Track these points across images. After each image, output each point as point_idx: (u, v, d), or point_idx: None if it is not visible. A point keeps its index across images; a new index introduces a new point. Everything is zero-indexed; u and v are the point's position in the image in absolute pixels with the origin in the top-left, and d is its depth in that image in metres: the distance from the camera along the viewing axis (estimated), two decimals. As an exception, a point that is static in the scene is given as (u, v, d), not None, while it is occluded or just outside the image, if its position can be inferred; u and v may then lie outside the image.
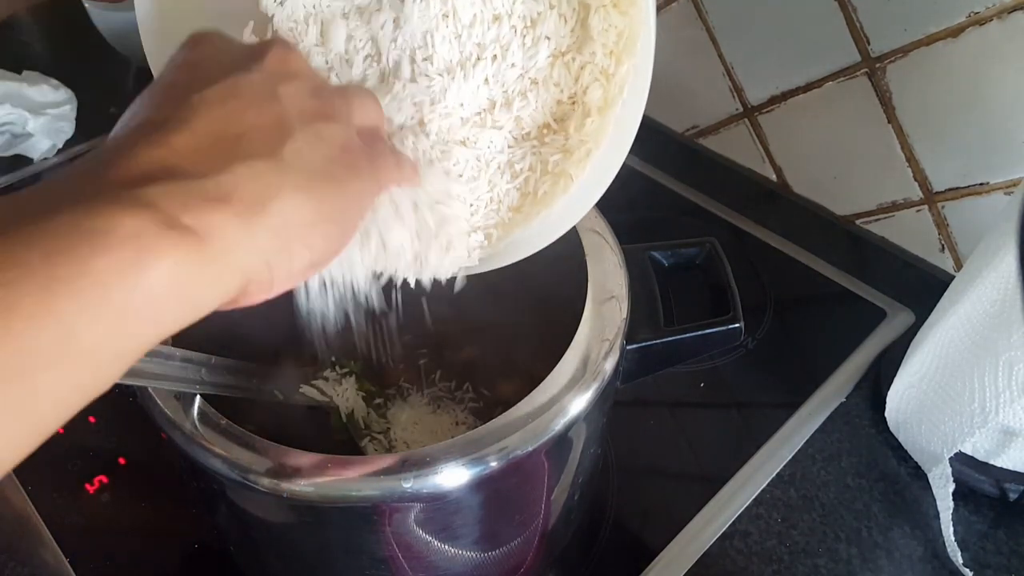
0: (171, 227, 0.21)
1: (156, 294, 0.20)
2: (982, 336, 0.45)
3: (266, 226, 0.23)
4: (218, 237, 0.22)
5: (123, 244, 0.20)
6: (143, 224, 0.20)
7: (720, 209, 0.74)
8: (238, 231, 0.22)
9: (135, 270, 0.20)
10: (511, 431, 0.34)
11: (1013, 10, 0.50)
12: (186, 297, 0.22)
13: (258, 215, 0.23)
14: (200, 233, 0.21)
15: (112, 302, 0.20)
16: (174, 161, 0.22)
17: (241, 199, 0.22)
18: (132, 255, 0.20)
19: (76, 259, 0.19)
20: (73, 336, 0.19)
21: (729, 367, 0.60)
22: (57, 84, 0.82)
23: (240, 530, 0.43)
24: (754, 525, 0.51)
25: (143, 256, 0.20)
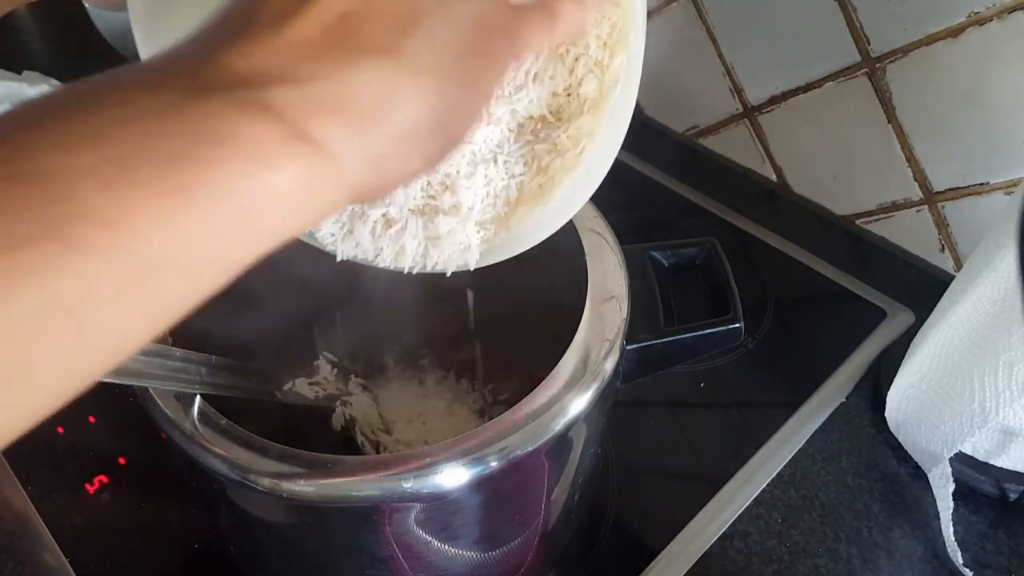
0: (294, 136, 0.20)
1: (274, 205, 0.20)
2: (982, 336, 0.45)
3: (384, 133, 0.21)
4: (337, 148, 0.20)
5: (246, 153, 0.19)
6: (266, 132, 0.19)
7: (720, 209, 0.74)
8: (356, 140, 0.21)
9: (256, 181, 0.19)
10: (511, 431, 0.34)
11: (1013, 10, 0.50)
12: (302, 208, 0.21)
13: (377, 122, 0.21)
14: (321, 144, 0.20)
15: (231, 212, 0.19)
16: (292, 57, 0.20)
17: (361, 106, 0.21)
18: (254, 165, 0.19)
19: (199, 166, 0.18)
20: (194, 243, 0.19)
21: (729, 367, 0.60)
22: (57, 84, 0.82)
23: (240, 530, 0.43)
24: (754, 525, 0.51)
25: (265, 167, 0.19)
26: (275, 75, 0.20)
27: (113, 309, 0.18)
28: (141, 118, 0.18)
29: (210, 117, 0.19)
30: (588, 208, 0.45)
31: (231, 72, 0.20)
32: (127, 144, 0.18)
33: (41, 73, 0.83)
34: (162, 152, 0.18)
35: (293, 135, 0.20)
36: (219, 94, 0.19)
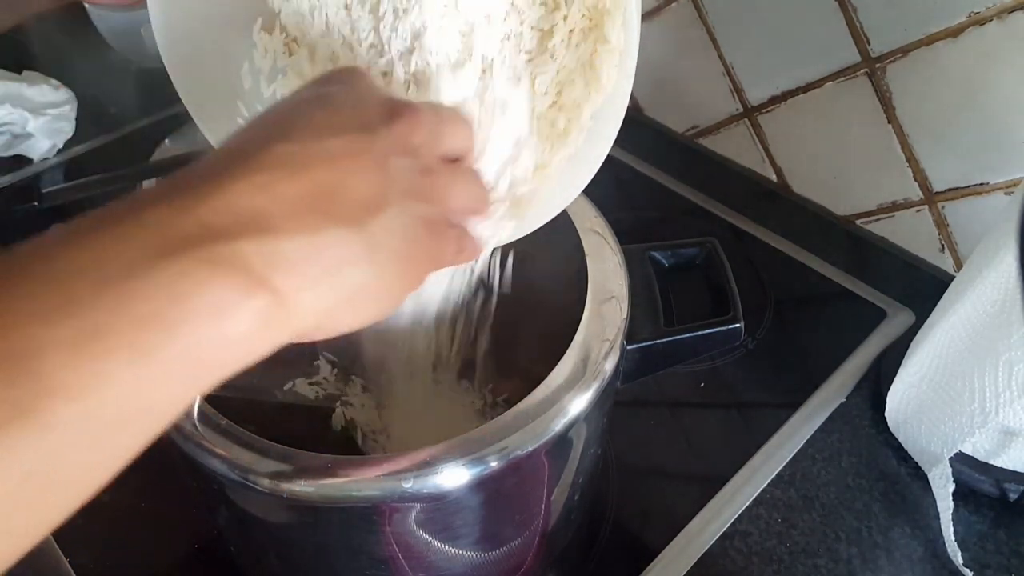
0: (255, 286, 0.21)
1: (229, 348, 0.21)
2: (982, 336, 0.45)
3: (333, 290, 0.24)
4: (292, 297, 0.22)
5: (210, 311, 0.21)
6: (230, 288, 0.21)
7: (720, 209, 0.74)
8: (309, 293, 0.23)
9: (216, 332, 0.21)
10: (511, 431, 0.34)
11: (1013, 10, 0.50)
12: (251, 350, 0.22)
13: (328, 282, 0.23)
14: (279, 293, 0.22)
15: (191, 361, 0.21)
16: (273, 212, 0.22)
17: (321, 265, 0.23)
18: (216, 320, 0.21)
19: (165, 327, 0.20)
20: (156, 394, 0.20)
21: (729, 367, 0.60)
22: (57, 84, 0.82)
23: (240, 530, 0.43)
24: (754, 525, 0.51)
25: (225, 320, 0.21)
26: (247, 230, 0.22)
27: (80, 470, 0.19)
28: (112, 281, 0.20)
29: (179, 276, 0.20)
30: (588, 208, 0.45)
31: (204, 226, 0.21)
32: (98, 311, 0.19)
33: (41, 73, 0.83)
34: (132, 316, 0.19)
35: (255, 285, 0.21)
36: (188, 252, 0.21)
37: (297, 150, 0.23)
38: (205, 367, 0.21)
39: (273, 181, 0.22)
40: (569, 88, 0.35)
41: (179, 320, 0.20)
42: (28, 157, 0.79)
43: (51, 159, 0.80)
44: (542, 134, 0.36)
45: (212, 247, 0.21)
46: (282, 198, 0.22)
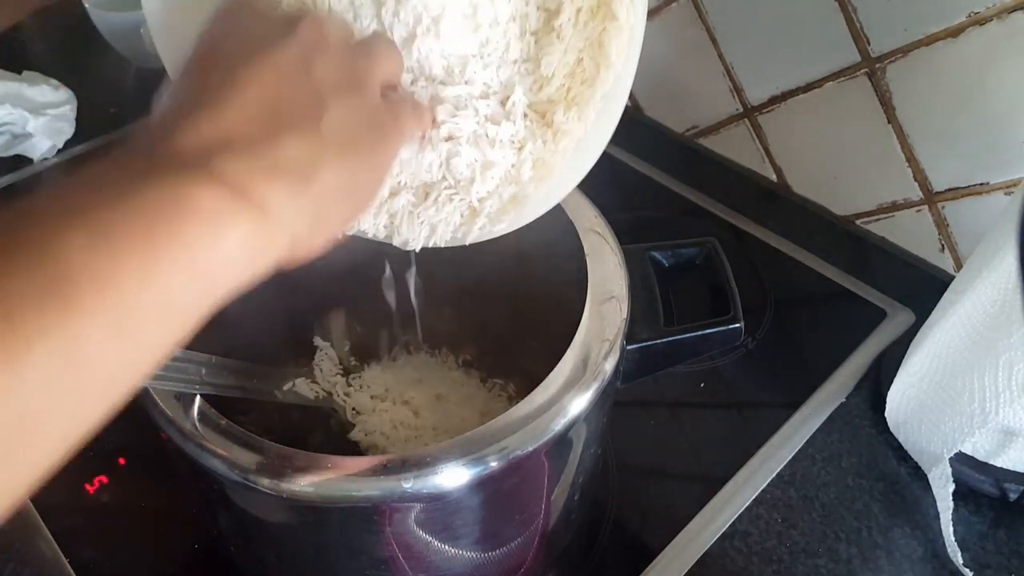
0: (241, 197, 0.23)
1: (230, 258, 0.23)
2: (982, 336, 0.45)
3: (310, 194, 0.25)
4: (275, 205, 0.24)
5: (205, 215, 0.22)
6: (219, 196, 0.23)
7: (720, 209, 0.74)
8: (289, 199, 0.25)
9: (216, 237, 0.22)
10: (511, 431, 0.34)
11: (1013, 10, 0.50)
12: (251, 261, 0.24)
13: (304, 184, 0.25)
14: (262, 202, 0.24)
15: (198, 266, 0.22)
16: (229, 135, 0.24)
17: (290, 169, 0.25)
18: (208, 227, 0.22)
19: (165, 233, 0.21)
20: (170, 296, 0.22)
21: (729, 367, 0.60)
22: (57, 84, 0.82)
23: (240, 530, 0.43)
24: (754, 525, 0.50)
25: (217, 227, 0.23)
26: (217, 149, 0.24)
27: (105, 361, 0.21)
28: (116, 197, 0.22)
29: (168, 190, 0.22)
30: (588, 208, 0.45)
31: (181, 150, 0.24)
32: (104, 216, 0.21)
33: (41, 73, 0.83)
34: (135, 224, 0.21)
35: (238, 197, 0.23)
36: (173, 170, 0.23)
37: (226, 79, 0.26)
38: (210, 277, 0.23)
39: (222, 109, 0.25)
40: (578, 69, 0.35)
41: (175, 227, 0.22)
42: (28, 157, 0.79)
43: (51, 159, 0.80)
44: (547, 120, 0.36)
45: (191, 167, 0.23)
46: (233, 121, 0.25)
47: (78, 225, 0.20)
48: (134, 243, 0.21)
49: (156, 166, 0.23)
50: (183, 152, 0.24)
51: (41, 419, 0.19)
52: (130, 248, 0.21)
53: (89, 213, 0.21)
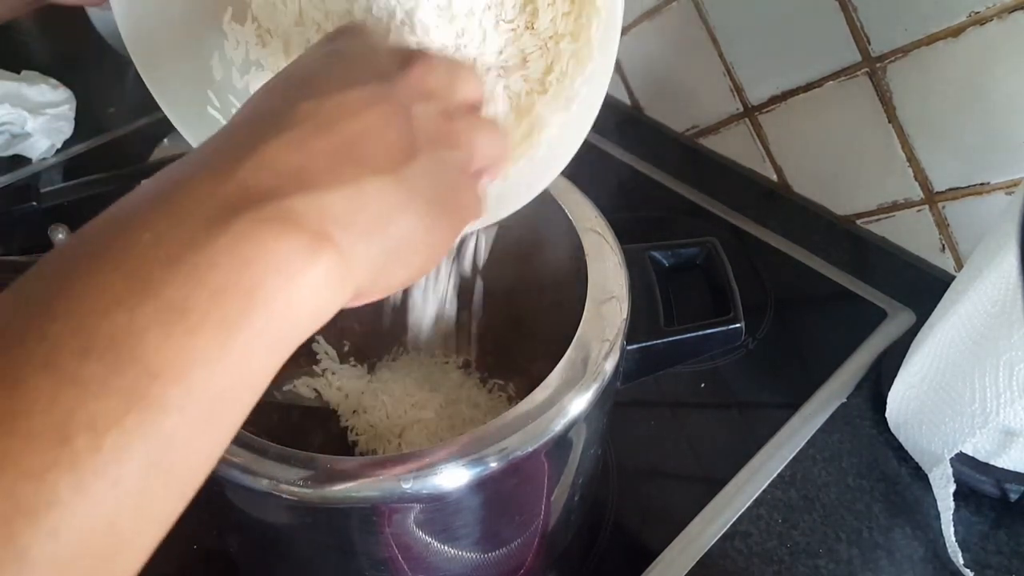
0: (315, 241, 0.21)
1: (302, 310, 0.21)
2: (983, 336, 0.45)
3: (382, 244, 0.23)
4: (348, 251, 0.22)
5: (278, 269, 0.20)
6: (291, 244, 0.21)
7: (720, 209, 0.74)
8: (363, 245, 0.23)
9: (288, 292, 0.21)
10: (511, 431, 0.34)
11: (1013, 10, 0.50)
12: (322, 310, 0.22)
13: (378, 233, 0.23)
14: (337, 247, 0.22)
15: (272, 328, 0.20)
16: (310, 166, 0.22)
17: (368, 215, 0.23)
18: (285, 278, 0.20)
19: (240, 294, 0.20)
20: (247, 367, 0.20)
21: (729, 367, 0.60)
22: (56, 84, 0.82)
23: (240, 531, 0.43)
24: (755, 526, 0.50)
25: (294, 277, 0.21)
26: (292, 187, 0.21)
27: (193, 453, 0.19)
28: (178, 257, 0.19)
29: (240, 240, 0.20)
30: (588, 208, 0.44)
31: (250, 188, 0.21)
32: (173, 287, 0.19)
33: (40, 73, 0.83)
34: (206, 288, 0.19)
35: (316, 240, 0.21)
36: (242, 214, 0.20)
37: (321, 105, 0.23)
38: (287, 331, 0.21)
39: (304, 137, 0.22)
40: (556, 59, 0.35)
41: (254, 286, 0.20)
42: (27, 157, 0.79)
43: (50, 159, 0.79)
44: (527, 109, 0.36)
45: (263, 207, 0.21)
46: (317, 153, 0.22)
47: (148, 303, 0.18)
48: (210, 317, 0.19)
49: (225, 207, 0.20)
50: (256, 188, 0.21)
51: (132, 531, 0.18)
52: (207, 325, 0.19)
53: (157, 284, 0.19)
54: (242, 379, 0.20)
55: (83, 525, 0.17)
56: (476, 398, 0.51)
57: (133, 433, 0.17)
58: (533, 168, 0.37)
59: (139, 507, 0.18)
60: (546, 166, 0.37)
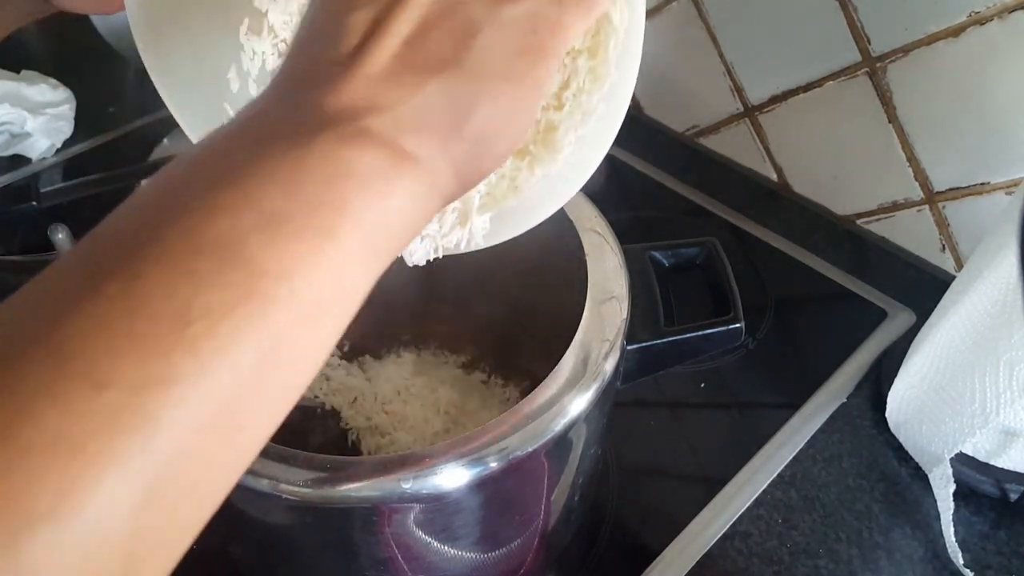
0: (397, 157, 0.22)
1: (394, 223, 0.22)
2: (983, 336, 0.45)
3: (462, 139, 0.24)
4: (429, 160, 0.23)
5: (366, 183, 0.21)
6: (375, 160, 0.21)
7: (720, 209, 0.74)
8: (441, 151, 0.23)
9: (380, 206, 0.21)
10: (511, 431, 0.34)
11: (1014, 10, 0.50)
12: (413, 221, 0.23)
13: (455, 131, 0.23)
14: (418, 159, 0.22)
15: (367, 240, 0.21)
16: (371, 87, 0.22)
17: (439, 119, 0.23)
18: (375, 193, 0.21)
19: (335, 206, 0.20)
20: (345, 275, 0.21)
21: (729, 367, 0.60)
22: (56, 84, 0.82)
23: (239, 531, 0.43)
24: (755, 526, 0.50)
25: (384, 191, 0.21)
26: (362, 106, 0.22)
27: (298, 350, 0.20)
28: (272, 173, 0.20)
29: (325, 158, 0.21)
30: (588, 208, 0.44)
31: (322, 113, 0.22)
32: (271, 199, 0.20)
33: (40, 72, 0.83)
34: (301, 201, 0.20)
35: (396, 156, 0.22)
36: (322, 135, 0.21)
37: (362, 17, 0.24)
38: (381, 242, 0.22)
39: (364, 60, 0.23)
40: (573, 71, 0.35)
41: (344, 200, 0.21)
42: (26, 156, 0.79)
43: (49, 158, 0.79)
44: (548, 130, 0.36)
45: (339, 128, 0.21)
46: (375, 74, 0.23)
47: (249, 211, 0.19)
48: (308, 225, 0.20)
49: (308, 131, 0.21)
50: (323, 117, 0.22)
51: (247, 414, 0.19)
52: (305, 232, 0.20)
53: (256, 195, 0.20)
54: (341, 285, 0.21)
55: (206, 399, 0.18)
56: (476, 398, 0.51)
57: (245, 322, 0.19)
58: (551, 185, 0.37)
59: (254, 393, 0.19)
60: (564, 182, 0.37)
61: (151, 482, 0.17)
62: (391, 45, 0.23)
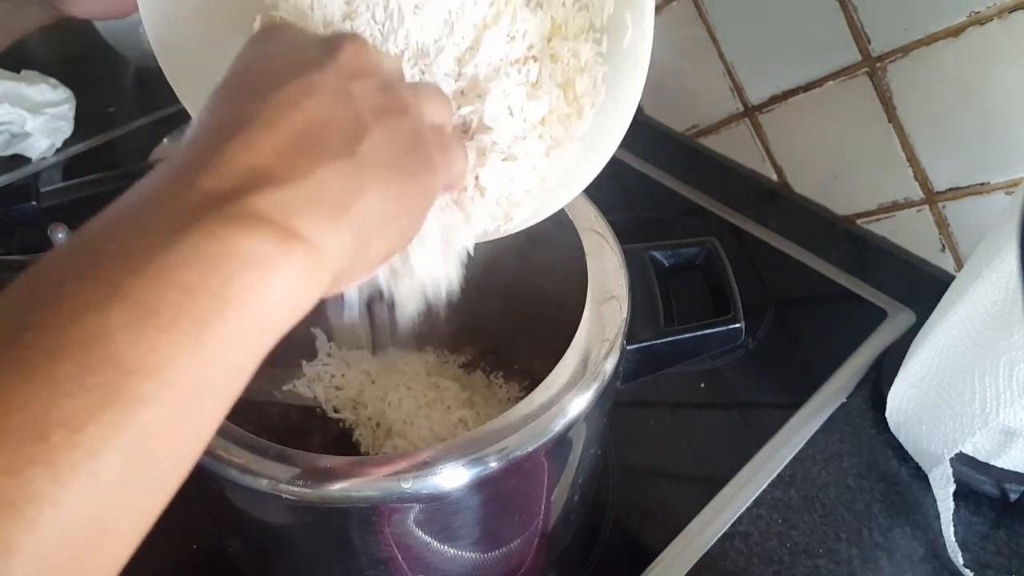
0: (283, 235, 0.21)
1: (278, 304, 0.21)
2: (983, 336, 0.45)
3: (351, 225, 0.24)
4: (319, 240, 0.22)
5: (248, 265, 0.20)
6: (260, 239, 0.21)
7: (720, 209, 0.74)
8: (330, 233, 0.23)
9: (262, 288, 0.21)
10: (511, 431, 0.34)
11: (1014, 10, 0.50)
12: (299, 301, 0.22)
13: (344, 215, 0.23)
14: (306, 239, 0.22)
15: (249, 321, 0.21)
16: (264, 164, 0.22)
17: (330, 201, 0.23)
18: (257, 274, 0.21)
19: (211, 292, 0.20)
20: (227, 361, 0.20)
21: (729, 367, 0.60)
22: (56, 83, 0.82)
23: (239, 530, 0.43)
24: (755, 526, 0.50)
25: (267, 273, 0.21)
26: (252, 184, 0.22)
27: (172, 447, 0.20)
28: (147, 262, 0.19)
29: (207, 240, 0.20)
30: (588, 208, 0.44)
31: (210, 192, 0.21)
32: (142, 290, 0.19)
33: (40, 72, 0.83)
34: (175, 288, 0.19)
35: (283, 235, 0.21)
36: (207, 216, 0.20)
37: (265, 104, 0.24)
38: (264, 324, 0.21)
39: (255, 138, 0.23)
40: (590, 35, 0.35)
41: (224, 283, 0.20)
42: (26, 156, 0.79)
43: (49, 158, 0.79)
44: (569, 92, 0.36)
45: (225, 209, 0.21)
46: (269, 151, 0.23)
47: (118, 305, 0.19)
48: (182, 314, 0.19)
49: (188, 213, 0.21)
50: (216, 192, 0.21)
51: (113, 522, 0.18)
52: (179, 322, 0.19)
53: (127, 287, 0.19)
54: (220, 373, 0.20)
55: (64, 517, 0.17)
56: (476, 398, 0.51)
57: (110, 427, 0.18)
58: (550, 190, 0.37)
59: (120, 499, 0.18)
60: (563, 186, 0.37)
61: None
62: (287, 132, 0.23)
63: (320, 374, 0.50)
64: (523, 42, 0.34)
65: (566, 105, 0.35)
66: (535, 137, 0.35)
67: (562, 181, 0.37)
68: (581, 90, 0.35)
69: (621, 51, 0.35)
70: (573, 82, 0.35)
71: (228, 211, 0.21)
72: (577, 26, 0.35)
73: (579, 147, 0.36)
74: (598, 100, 0.35)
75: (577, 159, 0.36)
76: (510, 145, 0.34)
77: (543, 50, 0.34)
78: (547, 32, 0.35)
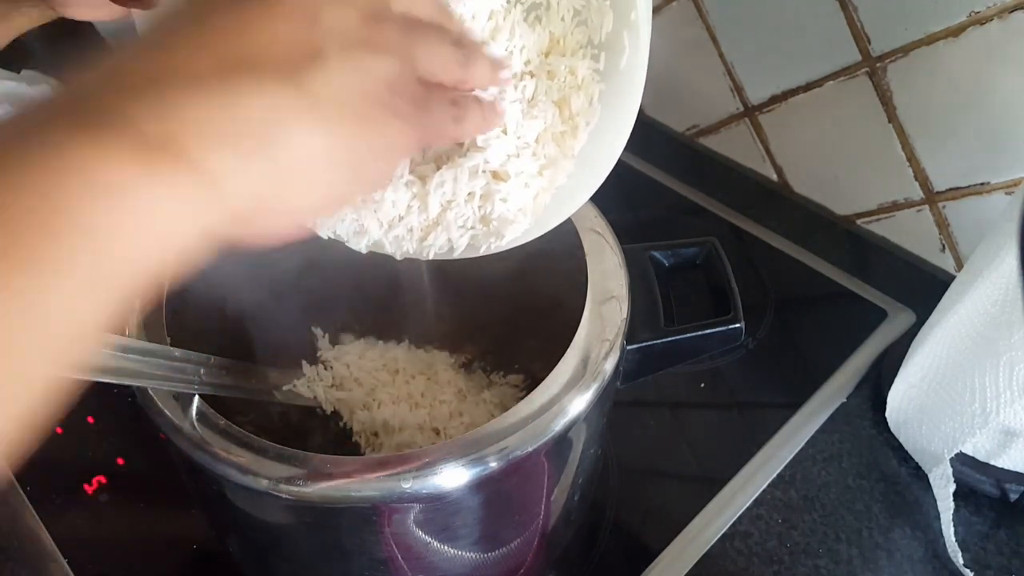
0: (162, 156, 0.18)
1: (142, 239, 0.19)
2: (983, 336, 0.45)
3: (265, 158, 0.20)
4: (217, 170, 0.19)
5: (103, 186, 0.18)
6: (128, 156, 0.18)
7: (720, 209, 0.74)
8: (238, 163, 0.19)
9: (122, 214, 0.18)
10: (511, 431, 0.34)
11: (1014, 10, 0.50)
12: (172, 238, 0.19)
13: (261, 148, 0.20)
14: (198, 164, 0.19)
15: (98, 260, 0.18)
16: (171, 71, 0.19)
17: (245, 128, 0.19)
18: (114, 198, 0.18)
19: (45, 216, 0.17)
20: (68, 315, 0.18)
21: (729, 367, 0.60)
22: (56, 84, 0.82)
23: (239, 530, 0.43)
24: (755, 526, 0.50)
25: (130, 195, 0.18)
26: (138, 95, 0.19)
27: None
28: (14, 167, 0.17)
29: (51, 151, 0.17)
30: (588, 208, 0.44)
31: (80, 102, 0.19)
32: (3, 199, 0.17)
33: (40, 73, 0.83)
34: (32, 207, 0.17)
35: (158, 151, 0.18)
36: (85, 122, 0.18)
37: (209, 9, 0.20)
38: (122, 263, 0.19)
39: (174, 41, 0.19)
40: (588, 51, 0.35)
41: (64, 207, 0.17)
42: (27, 157, 0.79)
43: (50, 159, 0.79)
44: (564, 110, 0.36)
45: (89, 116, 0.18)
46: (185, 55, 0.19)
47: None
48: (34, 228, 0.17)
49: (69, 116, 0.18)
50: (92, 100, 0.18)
51: None
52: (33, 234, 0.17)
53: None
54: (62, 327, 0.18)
55: None
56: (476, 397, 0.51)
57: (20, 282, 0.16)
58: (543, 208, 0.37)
59: None
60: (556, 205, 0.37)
61: None
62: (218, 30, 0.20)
63: (320, 374, 0.50)
64: (520, 57, 0.33)
65: (561, 123, 0.35)
66: (528, 155, 0.34)
67: (556, 200, 0.37)
68: (577, 108, 0.34)
69: (618, 71, 0.35)
70: (569, 99, 0.34)
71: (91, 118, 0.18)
72: (576, 41, 0.34)
73: (573, 166, 0.36)
74: (593, 119, 0.35)
75: (571, 178, 0.36)
76: (503, 163, 0.34)
77: (540, 66, 0.34)
78: (545, 48, 0.35)
